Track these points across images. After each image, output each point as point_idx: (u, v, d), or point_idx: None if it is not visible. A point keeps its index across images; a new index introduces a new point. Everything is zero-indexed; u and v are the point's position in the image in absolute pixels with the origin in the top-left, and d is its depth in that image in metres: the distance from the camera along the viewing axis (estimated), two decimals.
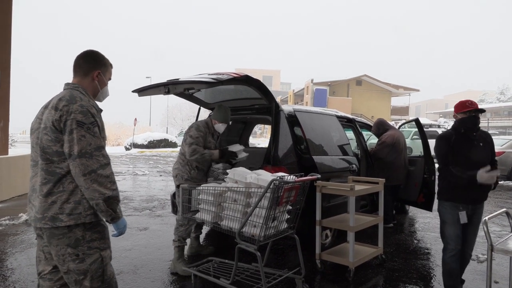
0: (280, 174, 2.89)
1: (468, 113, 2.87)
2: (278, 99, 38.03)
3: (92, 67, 1.97)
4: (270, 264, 3.66)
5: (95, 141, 1.78)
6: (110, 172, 1.82)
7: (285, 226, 2.96)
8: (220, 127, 3.84)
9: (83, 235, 1.83)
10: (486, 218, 2.26)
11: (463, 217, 2.90)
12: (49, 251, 1.88)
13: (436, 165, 3.13)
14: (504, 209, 2.59)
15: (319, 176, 3.08)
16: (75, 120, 1.76)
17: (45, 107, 1.88)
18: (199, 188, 3.19)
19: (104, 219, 1.90)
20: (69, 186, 1.80)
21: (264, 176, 2.87)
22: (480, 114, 2.92)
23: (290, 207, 2.95)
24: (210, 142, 3.76)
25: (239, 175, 2.98)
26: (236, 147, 3.89)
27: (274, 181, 2.61)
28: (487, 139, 2.98)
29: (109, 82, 2.11)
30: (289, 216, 2.98)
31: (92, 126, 1.79)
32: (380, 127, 5.56)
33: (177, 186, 3.69)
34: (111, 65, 2.09)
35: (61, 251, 1.80)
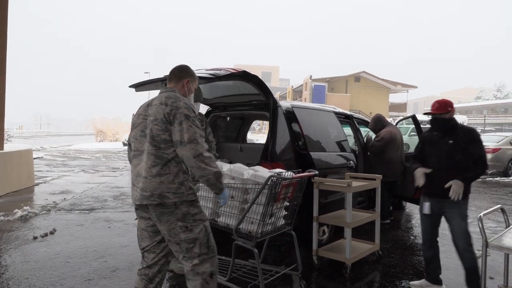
0: (278, 170, 2.87)
1: (431, 115, 3.10)
2: (277, 95, 37.98)
3: (183, 76, 2.43)
4: (267, 261, 3.65)
5: (198, 130, 2.15)
6: (211, 154, 2.17)
7: (283, 223, 2.95)
8: (194, 108, 3.71)
9: (188, 210, 2.18)
10: (481, 214, 2.25)
11: (425, 208, 3.10)
12: (154, 230, 2.26)
13: None
14: (499, 206, 2.60)
15: (316, 172, 3.06)
16: (183, 114, 2.15)
17: (148, 105, 2.28)
18: (197, 184, 3.12)
19: (213, 192, 2.26)
20: (174, 169, 2.16)
21: (262, 173, 2.85)
22: (446, 115, 3.06)
23: (288, 203, 2.93)
24: None
25: (236, 171, 2.96)
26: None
27: (272, 178, 2.58)
28: (463, 138, 2.98)
29: (107, 77, 2.34)
30: (286, 213, 2.97)
31: (195, 119, 2.18)
32: (378, 123, 5.56)
33: None
34: (197, 78, 2.57)
35: (172, 225, 2.16)
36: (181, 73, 2.44)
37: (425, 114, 3.05)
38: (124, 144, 24.90)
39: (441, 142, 3.05)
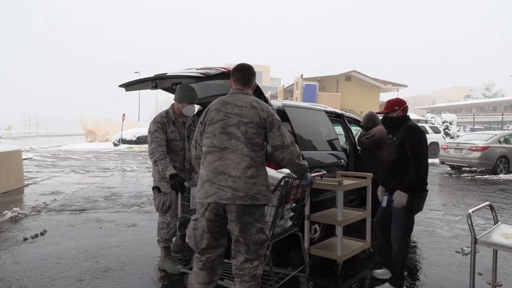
0: (286, 170, 2.81)
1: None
2: (268, 94, 38.00)
3: (254, 80, 2.51)
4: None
5: (288, 133, 2.37)
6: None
7: (290, 224, 2.90)
8: (189, 110, 3.48)
9: (262, 212, 2.29)
10: (470, 211, 2.29)
11: (384, 201, 3.28)
12: (218, 231, 2.27)
13: (430, 160, 3.22)
14: (488, 203, 2.63)
15: (324, 172, 3.08)
16: (277, 120, 2.32)
17: (225, 103, 2.31)
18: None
19: (301, 178, 2.53)
20: (263, 172, 2.27)
21: (272, 173, 2.79)
22: (393, 114, 3.19)
23: (294, 204, 2.90)
24: (173, 131, 3.44)
25: None
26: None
27: (285, 178, 2.54)
28: (402, 136, 3.07)
29: (98, 77, 2.37)
30: (293, 213, 2.92)
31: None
32: (370, 121, 5.54)
33: (153, 188, 3.47)
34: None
35: (248, 226, 2.21)
36: (253, 76, 2.50)
37: (377, 113, 3.26)
38: (115, 144, 24.71)
39: (391, 140, 3.24)
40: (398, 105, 3.19)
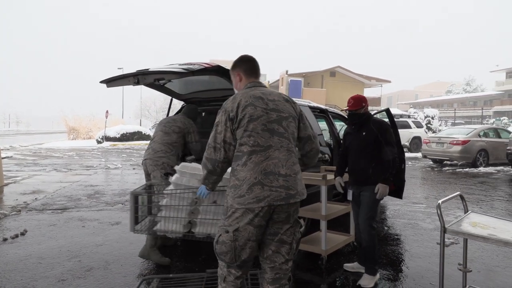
0: None
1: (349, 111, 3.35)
2: None
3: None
4: None
5: None
6: None
7: None
8: None
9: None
10: (440, 201, 2.34)
11: (349, 195, 3.42)
12: (259, 239, 2.11)
13: (412, 154, 3.33)
14: (458, 193, 2.70)
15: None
16: (303, 110, 2.30)
17: (260, 98, 2.14)
18: (166, 192, 2.80)
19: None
20: (299, 167, 2.19)
21: None
22: (360, 110, 3.29)
23: None
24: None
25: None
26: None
27: None
28: (375, 131, 3.22)
29: (81, 74, 2.29)
30: None
31: None
32: None
33: (165, 174, 3.42)
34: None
35: (295, 223, 2.16)
36: (259, 67, 2.39)
37: (342, 110, 3.34)
38: (98, 142, 24.31)
39: (357, 135, 3.31)
40: (365, 101, 3.33)
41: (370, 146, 3.21)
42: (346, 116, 5.85)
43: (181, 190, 2.71)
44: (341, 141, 5.43)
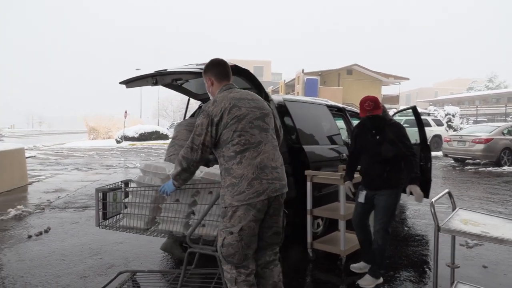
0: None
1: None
2: (269, 89, 37.89)
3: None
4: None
5: None
6: None
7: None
8: None
9: None
10: (433, 200, 2.31)
11: (361, 197, 3.29)
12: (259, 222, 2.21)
13: (433, 153, 3.25)
14: (447, 190, 2.66)
15: None
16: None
17: (241, 98, 2.26)
18: (130, 189, 2.90)
19: None
20: None
21: (216, 171, 2.56)
22: (380, 113, 3.15)
23: None
24: None
25: None
26: None
27: None
28: (390, 134, 3.12)
29: (100, 75, 2.41)
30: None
31: None
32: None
33: None
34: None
35: (281, 213, 2.32)
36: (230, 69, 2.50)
37: (362, 116, 3.20)
38: (117, 141, 24.75)
39: (371, 139, 3.20)
40: (380, 103, 3.20)
41: (385, 150, 3.11)
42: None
43: (142, 188, 2.77)
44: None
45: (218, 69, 2.41)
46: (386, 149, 3.12)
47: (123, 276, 3.05)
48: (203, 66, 3.24)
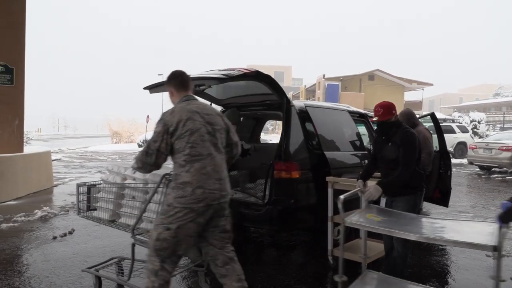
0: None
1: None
2: (290, 95, 37.70)
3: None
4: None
5: None
6: None
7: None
8: None
9: None
10: (342, 197, 2.70)
11: (381, 202, 3.24)
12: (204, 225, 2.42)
13: (452, 160, 3.16)
14: (359, 188, 2.94)
15: None
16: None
17: (196, 112, 2.43)
18: (99, 185, 3.28)
19: None
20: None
21: (159, 171, 2.74)
22: (391, 119, 3.08)
23: None
24: None
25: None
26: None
27: (166, 176, 2.63)
28: (398, 141, 3.02)
29: (122, 80, 2.61)
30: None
31: None
32: (411, 119, 4.73)
33: None
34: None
35: (228, 214, 2.52)
36: (190, 80, 2.65)
37: (373, 121, 3.15)
38: (139, 146, 25.16)
39: (385, 145, 3.14)
40: (394, 109, 3.13)
41: (396, 156, 3.02)
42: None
43: (107, 185, 3.21)
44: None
45: (176, 80, 2.57)
46: (397, 155, 3.03)
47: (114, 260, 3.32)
48: (225, 72, 3.29)
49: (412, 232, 2.33)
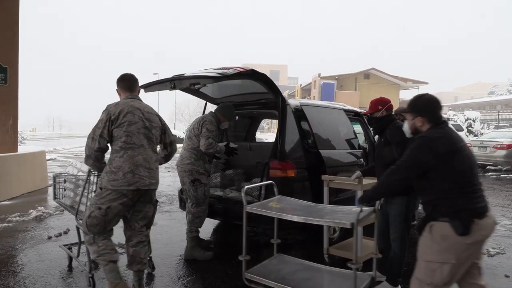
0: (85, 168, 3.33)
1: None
2: (285, 93, 37.86)
3: (138, 86, 3.03)
4: None
5: None
6: None
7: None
8: (225, 124, 4.07)
9: None
10: (245, 187, 2.91)
11: (376, 203, 3.15)
12: (129, 210, 2.82)
13: None
14: (270, 182, 3.32)
15: None
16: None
17: (138, 108, 2.78)
18: (68, 177, 3.71)
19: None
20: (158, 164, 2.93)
21: (79, 166, 3.44)
22: (377, 114, 3.09)
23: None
24: (217, 136, 3.92)
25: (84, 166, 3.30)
26: (231, 144, 4.14)
27: (91, 171, 3.03)
28: (388, 137, 2.98)
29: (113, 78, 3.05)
30: None
31: None
32: (401, 115, 5.11)
33: (193, 181, 3.76)
34: None
35: (154, 204, 2.93)
36: (137, 82, 3.00)
37: (362, 114, 3.15)
38: None
39: (378, 142, 3.12)
40: (382, 104, 3.09)
41: (385, 153, 2.94)
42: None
43: (69, 177, 3.66)
44: (374, 144, 5.32)
45: (122, 83, 2.92)
46: (386, 152, 2.95)
47: None
48: (221, 71, 3.29)
49: (296, 215, 2.66)
